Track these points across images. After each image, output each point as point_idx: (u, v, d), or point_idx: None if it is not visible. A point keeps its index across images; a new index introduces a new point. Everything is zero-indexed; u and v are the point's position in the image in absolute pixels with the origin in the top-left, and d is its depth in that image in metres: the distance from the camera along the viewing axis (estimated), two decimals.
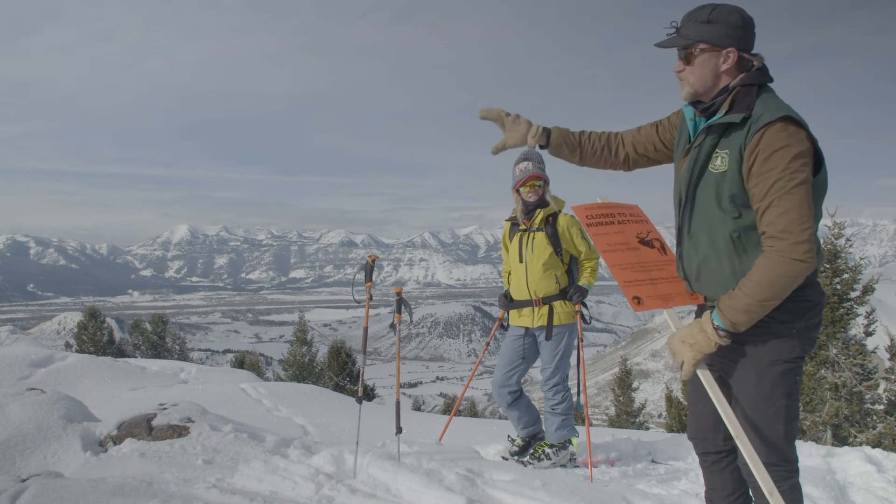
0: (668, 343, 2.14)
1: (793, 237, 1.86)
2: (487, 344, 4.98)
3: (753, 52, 2.06)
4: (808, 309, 2.06)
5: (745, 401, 2.14)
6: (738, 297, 1.95)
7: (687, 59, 2.07)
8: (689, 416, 2.53)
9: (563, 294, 4.12)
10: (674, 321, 2.29)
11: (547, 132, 2.43)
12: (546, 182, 4.10)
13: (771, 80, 2.07)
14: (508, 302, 4.31)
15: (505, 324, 4.43)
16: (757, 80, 2.03)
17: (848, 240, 11.82)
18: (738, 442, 2.06)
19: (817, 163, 1.96)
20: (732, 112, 2.00)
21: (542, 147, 2.46)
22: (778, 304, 1.97)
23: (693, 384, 2.43)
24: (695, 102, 2.14)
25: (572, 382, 4.30)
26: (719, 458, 2.41)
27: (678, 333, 2.11)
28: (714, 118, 2.06)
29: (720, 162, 2.03)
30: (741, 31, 2.01)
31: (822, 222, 2.14)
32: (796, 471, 2.17)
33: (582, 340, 4.27)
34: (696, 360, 2.07)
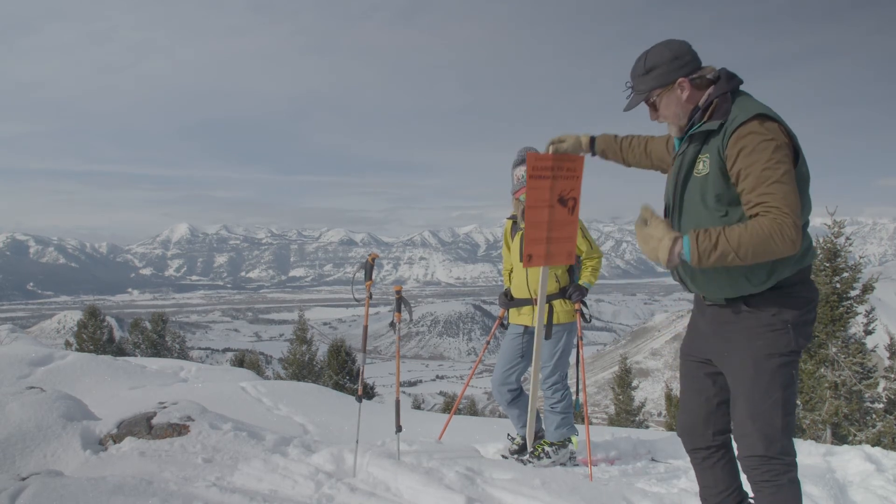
0: (636, 228, 2.12)
1: (791, 217, 1.93)
2: (487, 343, 4.98)
3: (703, 66, 2.23)
4: (801, 304, 2.13)
5: (743, 393, 2.20)
6: (720, 241, 1.95)
7: (654, 107, 2.28)
8: (679, 411, 2.59)
9: (563, 293, 4.11)
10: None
11: (592, 140, 2.76)
12: None
13: (741, 81, 2.19)
14: (508, 300, 4.31)
15: (505, 322, 4.43)
16: (728, 87, 2.16)
17: (848, 238, 11.79)
18: None
19: (795, 155, 2.07)
20: (711, 120, 2.14)
21: (592, 154, 2.82)
22: (762, 291, 2.10)
23: (685, 379, 2.51)
24: None
25: (571, 381, 4.30)
26: (709, 454, 2.47)
27: (645, 230, 2.07)
28: (694, 128, 2.21)
29: (702, 166, 2.16)
30: (678, 62, 2.19)
31: (822, 221, 2.22)
32: (795, 465, 2.21)
33: (581, 339, 4.27)
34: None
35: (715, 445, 2.45)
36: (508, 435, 4.49)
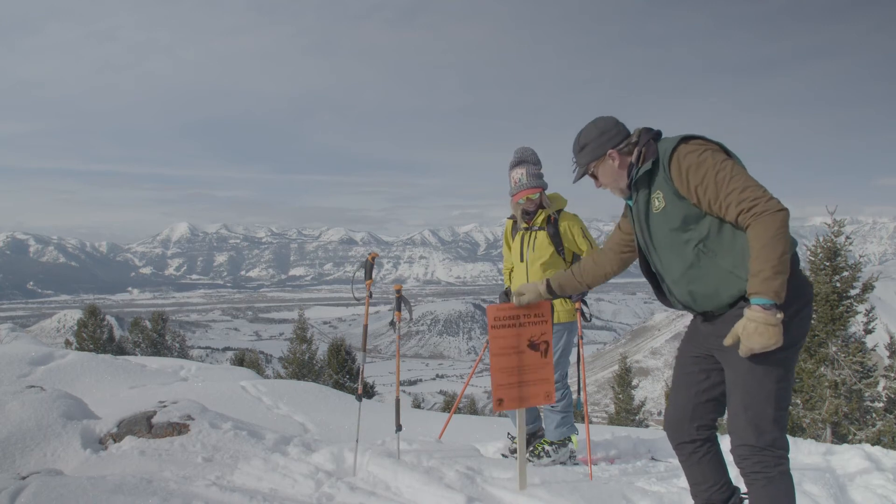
0: (747, 346, 2.12)
1: (764, 198, 2.12)
2: (487, 342, 4.97)
3: (630, 133, 2.49)
4: (795, 298, 2.19)
5: (739, 385, 2.27)
6: (763, 269, 2.06)
7: (595, 177, 2.57)
8: (667, 405, 2.65)
9: None
10: None
11: (548, 284, 3.01)
12: (543, 190, 4.09)
13: (660, 132, 2.46)
14: (509, 300, 4.30)
15: None
16: (648, 136, 2.43)
17: (847, 237, 11.77)
18: None
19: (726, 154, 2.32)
20: (643, 164, 2.40)
21: (554, 297, 3.06)
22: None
23: (678, 374, 2.58)
24: None
25: (572, 380, 4.29)
26: (694, 449, 2.53)
27: (754, 339, 2.09)
28: (634, 175, 2.45)
29: (658, 202, 2.38)
30: (605, 137, 2.48)
31: (822, 220, 2.29)
32: (786, 458, 2.26)
33: (582, 338, 4.27)
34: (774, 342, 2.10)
35: (700, 439, 2.52)
36: (508, 434, 4.49)
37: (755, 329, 2.06)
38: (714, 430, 2.55)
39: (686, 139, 2.30)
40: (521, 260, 4.17)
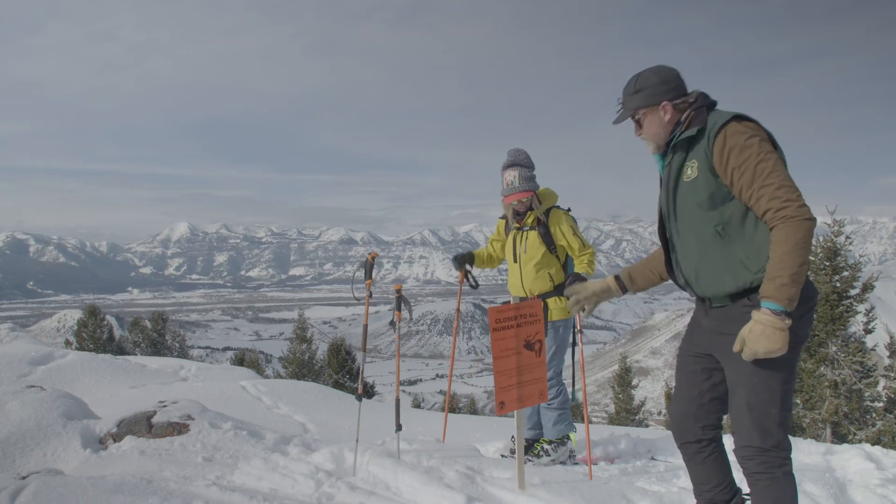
0: (751, 351, 2.11)
1: (797, 202, 2.08)
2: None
3: (688, 93, 2.39)
4: (802, 301, 2.16)
5: (743, 386, 2.25)
6: (781, 275, 2.03)
7: (639, 124, 2.46)
8: (672, 403, 2.63)
9: (558, 290, 4.12)
10: None
11: (619, 280, 2.76)
12: (534, 193, 4.11)
13: (715, 102, 2.37)
14: (462, 263, 4.39)
15: (471, 281, 4.48)
16: (702, 103, 2.35)
17: (847, 237, 11.78)
18: None
19: (773, 145, 2.25)
20: (689, 129, 2.31)
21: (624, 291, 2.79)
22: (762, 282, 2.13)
23: (680, 373, 2.56)
24: None
25: (567, 380, 4.29)
26: (699, 449, 2.52)
27: (756, 343, 2.08)
28: (676, 137, 2.36)
29: (690, 171, 2.31)
30: (664, 87, 2.38)
31: (822, 220, 2.27)
32: (790, 459, 2.26)
33: (581, 333, 4.25)
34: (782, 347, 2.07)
35: (706, 439, 2.50)
36: (512, 436, 4.49)
37: (762, 332, 2.04)
38: (719, 429, 2.53)
39: (739, 118, 2.22)
40: (515, 260, 4.18)
